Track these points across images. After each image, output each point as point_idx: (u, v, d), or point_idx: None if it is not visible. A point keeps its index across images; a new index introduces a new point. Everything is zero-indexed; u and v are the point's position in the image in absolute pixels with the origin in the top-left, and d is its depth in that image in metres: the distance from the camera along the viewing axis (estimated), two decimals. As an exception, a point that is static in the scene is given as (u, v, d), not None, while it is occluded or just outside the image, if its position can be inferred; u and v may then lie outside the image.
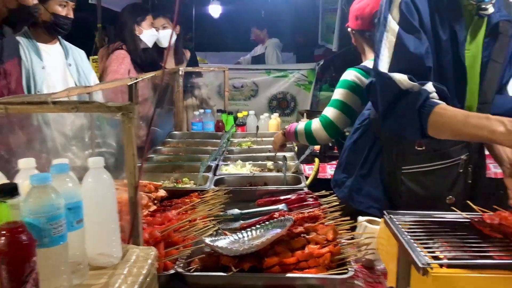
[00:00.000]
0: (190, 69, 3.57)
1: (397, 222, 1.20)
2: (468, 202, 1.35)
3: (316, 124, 2.11)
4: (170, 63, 3.62)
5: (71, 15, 2.39)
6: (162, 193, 1.91)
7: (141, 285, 1.01)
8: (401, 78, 1.45)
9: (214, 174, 2.29)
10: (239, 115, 3.60)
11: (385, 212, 1.29)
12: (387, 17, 1.53)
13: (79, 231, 1.02)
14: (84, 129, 2.31)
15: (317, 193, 1.89)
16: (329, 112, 2.07)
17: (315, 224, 1.51)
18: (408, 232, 1.15)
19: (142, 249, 1.16)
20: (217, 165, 2.46)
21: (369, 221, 1.57)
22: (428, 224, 1.22)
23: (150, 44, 3.29)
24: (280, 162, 2.49)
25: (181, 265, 1.35)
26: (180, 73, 3.36)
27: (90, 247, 1.07)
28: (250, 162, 2.53)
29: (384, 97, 1.53)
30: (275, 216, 1.62)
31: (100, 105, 1.14)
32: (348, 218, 1.59)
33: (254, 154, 2.70)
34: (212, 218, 1.66)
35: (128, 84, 2.44)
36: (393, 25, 1.51)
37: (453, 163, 1.72)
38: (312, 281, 1.30)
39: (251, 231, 1.50)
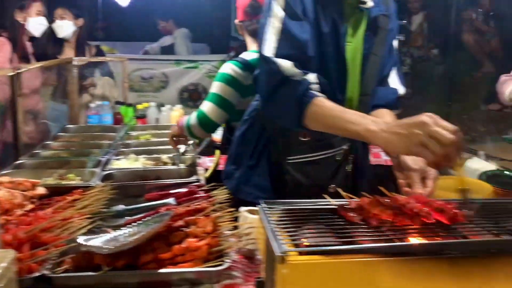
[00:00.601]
0: (85, 59, 3.39)
1: (267, 211, 1.20)
2: (338, 189, 1.39)
3: (193, 119, 2.08)
4: (69, 56, 3.43)
5: None
6: (41, 190, 1.78)
7: (-10, 292, 0.93)
8: (285, 64, 1.46)
9: (103, 170, 2.19)
10: (139, 107, 3.49)
11: (260, 201, 1.30)
12: (271, 3, 1.53)
13: None
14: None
15: (208, 186, 1.88)
16: (205, 106, 2.05)
17: (196, 217, 1.49)
18: (276, 220, 1.16)
19: (-3, 253, 1.07)
20: (109, 159, 2.36)
21: (251, 212, 1.58)
22: (299, 212, 1.24)
23: (37, 33, 3.09)
24: (175, 154, 2.43)
25: (49, 266, 1.27)
26: (75, 63, 3.18)
27: None
28: (145, 156, 2.46)
29: (267, 83, 1.54)
30: (160, 211, 1.58)
31: None
32: (233, 209, 1.59)
33: (149, 148, 2.62)
34: (92, 215, 1.59)
35: (9, 74, 2.27)
36: (277, 10, 1.51)
37: (335, 153, 1.78)
38: (188, 275, 1.28)
39: (131, 227, 1.45)
